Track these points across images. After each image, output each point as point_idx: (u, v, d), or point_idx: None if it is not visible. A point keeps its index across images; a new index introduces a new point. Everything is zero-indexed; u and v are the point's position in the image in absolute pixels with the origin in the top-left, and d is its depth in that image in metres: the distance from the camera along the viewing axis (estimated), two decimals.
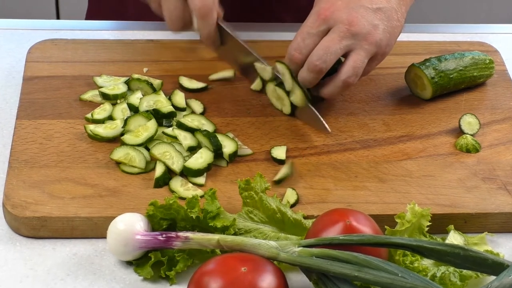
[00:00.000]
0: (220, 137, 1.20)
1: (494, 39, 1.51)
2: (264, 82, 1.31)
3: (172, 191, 1.13)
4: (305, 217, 1.10)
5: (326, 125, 1.24)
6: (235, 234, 1.05)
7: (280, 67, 1.25)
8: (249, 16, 1.53)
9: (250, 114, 1.30)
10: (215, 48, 1.31)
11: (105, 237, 1.05)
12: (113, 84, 1.31)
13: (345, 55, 1.22)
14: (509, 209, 1.14)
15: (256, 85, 1.32)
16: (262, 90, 1.32)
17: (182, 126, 1.22)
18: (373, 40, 1.21)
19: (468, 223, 1.13)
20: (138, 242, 1.02)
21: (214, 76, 1.37)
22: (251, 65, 1.30)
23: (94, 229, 1.09)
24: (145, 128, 1.21)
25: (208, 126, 1.24)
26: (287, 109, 1.29)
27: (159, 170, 1.15)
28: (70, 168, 1.16)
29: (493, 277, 0.97)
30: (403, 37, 1.32)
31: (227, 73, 1.37)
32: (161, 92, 1.28)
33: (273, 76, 1.28)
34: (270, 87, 1.29)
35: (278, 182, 1.16)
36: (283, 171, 1.18)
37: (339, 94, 1.27)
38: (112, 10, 1.65)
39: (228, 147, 1.19)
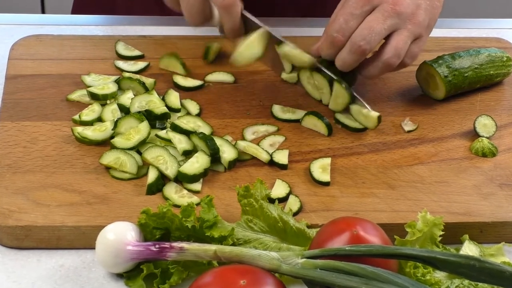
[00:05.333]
0: (218, 141, 1.20)
1: None
2: (297, 71, 1.31)
3: (166, 198, 1.14)
4: (309, 226, 1.10)
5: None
6: (233, 244, 1.05)
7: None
8: (250, 12, 1.53)
9: (250, 115, 1.30)
10: (239, 41, 1.31)
11: (93, 248, 1.05)
12: (103, 83, 1.31)
13: (387, 36, 1.25)
14: None
15: (289, 75, 1.32)
16: (297, 83, 1.33)
17: (176, 129, 1.22)
18: (417, 21, 1.25)
19: (484, 232, 1.14)
20: (129, 253, 1.02)
21: (211, 77, 1.37)
22: (280, 56, 1.30)
23: (82, 239, 1.09)
24: (136, 131, 1.21)
25: (204, 129, 1.24)
26: (327, 99, 1.30)
27: (151, 175, 1.15)
28: (56, 173, 1.16)
29: None
30: None
31: (226, 76, 1.37)
32: (154, 92, 1.29)
33: (312, 63, 1.28)
34: (306, 74, 1.29)
35: None
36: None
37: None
38: (99, 2, 1.65)
39: (227, 152, 1.19)
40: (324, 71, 1.27)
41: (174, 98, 1.29)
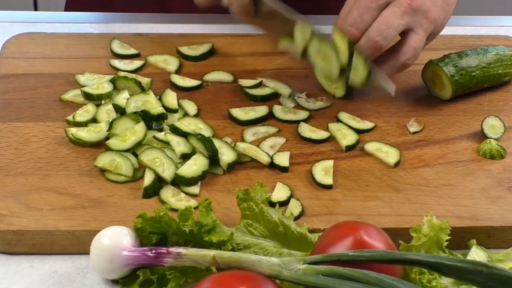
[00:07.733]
0: (217, 142, 1.20)
1: None
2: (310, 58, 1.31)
3: (163, 202, 1.14)
4: (311, 231, 1.10)
5: (390, 90, 1.27)
6: (232, 249, 1.05)
7: (336, 37, 1.25)
8: None
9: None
10: (249, 19, 1.31)
11: (88, 253, 1.05)
12: (97, 83, 1.31)
13: (401, 32, 1.25)
14: None
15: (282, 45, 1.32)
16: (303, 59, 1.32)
17: (176, 131, 1.22)
18: (432, 18, 1.26)
19: (492, 237, 1.14)
20: (125, 259, 1.02)
21: (209, 77, 1.37)
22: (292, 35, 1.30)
23: (76, 244, 1.09)
24: (132, 132, 1.21)
25: (205, 131, 1.24)
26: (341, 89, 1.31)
27: (148, 178, 1.15)
28: (49, 176, 1.16)
29: None
30: None
31: (226, 76, 1.37)
32: (151, 92, 1.29)
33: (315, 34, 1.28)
34: (314, 48, 1.29)
35: None
36: None
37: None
38: None
39: (226, 154, 1.19)
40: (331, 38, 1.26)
41: (171, 98, 1.29)
